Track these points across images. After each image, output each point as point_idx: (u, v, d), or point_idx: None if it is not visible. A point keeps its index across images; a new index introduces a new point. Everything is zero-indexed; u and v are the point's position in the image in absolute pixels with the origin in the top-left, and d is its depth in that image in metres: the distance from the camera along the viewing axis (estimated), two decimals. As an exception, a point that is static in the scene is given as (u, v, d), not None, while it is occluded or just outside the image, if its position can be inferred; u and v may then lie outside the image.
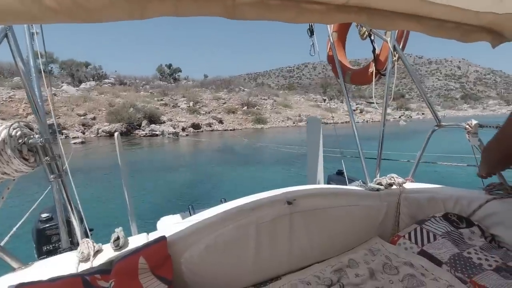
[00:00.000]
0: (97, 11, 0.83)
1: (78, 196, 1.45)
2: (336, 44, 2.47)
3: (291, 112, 34.52)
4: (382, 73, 2.06)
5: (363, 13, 1.22)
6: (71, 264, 1.08)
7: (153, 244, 1.13)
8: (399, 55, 1.85)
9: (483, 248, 1.28)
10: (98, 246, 1.16)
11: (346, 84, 2.42)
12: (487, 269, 1.17)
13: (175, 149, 17.45)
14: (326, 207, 1.45)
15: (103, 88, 30.32)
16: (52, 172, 1.24)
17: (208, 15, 1.00)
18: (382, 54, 2.04)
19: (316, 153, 2.82)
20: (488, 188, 1.44)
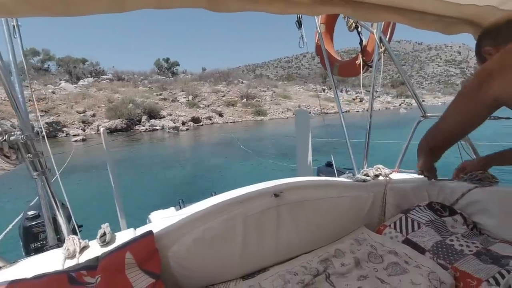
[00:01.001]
0: (74, 4, 0.82)
1: (72, 193, 1.46)
2: (324, 36, 2.47)
3: (290, 103, 34.43)
4: (369, 64, 2.08)
5: (348, 5, 1.24)
6: (57, 261, 1.08)
7: (140, 239, 1.13)
8: (385, 46, 1.86)
9: (465, 235, 1.31)
10: (84, 243, 1.17)
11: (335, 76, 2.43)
12: (468, 254, 1.21)
13: (175, 144, 17.49)
14: (313, 198, 1.48)
15: (101, 85, 30.28)
16: (35, 169, 1.23)
17: (191, 7, 1.01)
18: (369, 46, 2.06)
19: (305, 145, 2.84)
20: (471, 177, 1.47)
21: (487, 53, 1.05)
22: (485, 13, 1.31)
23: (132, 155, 13.38)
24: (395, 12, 1.27)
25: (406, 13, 1.28)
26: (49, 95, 24.03)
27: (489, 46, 1.04)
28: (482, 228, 1.39)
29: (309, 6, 1.16)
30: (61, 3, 0.80)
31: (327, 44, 2.48)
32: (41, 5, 0.77)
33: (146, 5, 0.91)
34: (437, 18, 1.34)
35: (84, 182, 8.46)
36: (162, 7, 0.94)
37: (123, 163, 11.45)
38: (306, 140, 2.84)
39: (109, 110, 22.98)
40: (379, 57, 1.92)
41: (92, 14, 0.88)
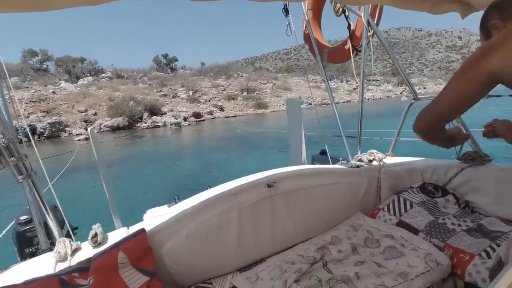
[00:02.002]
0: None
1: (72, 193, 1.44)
2: (311, 22, 2.41)
3: (291, 95, 34.22)
4: (358, 49, 2.03)
5: None
6: (48, 265, 1.06)
7: (132, 237, 1.12)
8: (373, 30, 1.82)
9: (456, 215, 1.33)
10: (76, 245, 1.15)
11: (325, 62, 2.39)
12: (459, 231, 1.22)
13: (176, 140, 17.51)
14: (307, 187, 1.47)
15: (101, 83, 30.27)
16: (20, 173, 1.19)
17: None
18: (357, 30, 2.01)
19: (298, 135, 2.82)
20: (464, 157, 1.48)
21: (493, 27, 0.99)
22: None
23: (137, 152, 13.43)
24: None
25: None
26: (50, 96, 24.07)
27: (496, 20, 0.97)
28: (475, 206, 1.41)
29: None
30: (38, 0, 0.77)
31: (315, 31, 2.43)
32: (17, 2, 0.75)
33: None
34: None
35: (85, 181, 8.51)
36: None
37: (129, 160, 11.53)
38: (299, 129, 2.82)
39: (110, 108, 22.99)
40: (367, 41, 1.89)
41: (65, 8, 0.84)
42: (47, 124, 19.41)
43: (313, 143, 3.46)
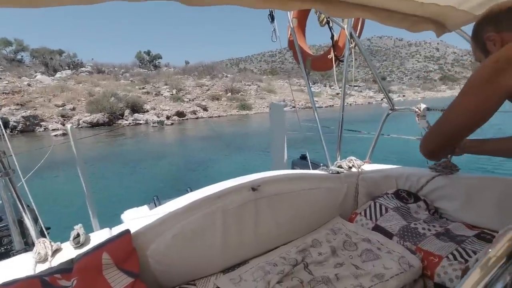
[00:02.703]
0: None
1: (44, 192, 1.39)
2: (296, 30, 2.49)
3: (275, 97, 34.48)
4: (340, 59, 2.13)
5: (319, 1, 1.26)
6: (27, 266, 1.03)
7: (116, 238, 1.10)
8: (355, 42, 1.92)
9: (426, 221, 1.44)
10: (56, 245, 1.12)
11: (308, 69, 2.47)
12: (429, 235, 1.32)
13: (158, 139, 17.23)
14: (290, 191, 1.53)
15: (80, 77, 29.24)
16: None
17: (165, 0, 0.98)
18: (340, 41, 2.11)
19: (280, 139, 2.88)
20: (434, 166, 1.60)
21: (489, 39, 1.01)
22: (445, 12, 1.40)
23: (116, 150, 13.10)
24: (365, 9, 1.32)
25: (376, 10, 1.34)
26: (25, 88, 23.00)
27: (492, 32, 1.00)
28: (443, 212, 1.54)
29: (281, 1, 1.16)
30: None
31: (299, 39, 2.51)
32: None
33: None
34: (404, 17, 1.41)
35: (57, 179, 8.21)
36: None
37: (107, 158, 11.23)
38: (281, 133, 2.88)
39: (90, 103, 22.27)
40: (349, 52, 1.98)
41: (58, 6, 0.83)
42: (21, 118, 18.52)
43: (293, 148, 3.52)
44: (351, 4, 1.31)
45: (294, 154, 3.42)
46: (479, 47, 1.07)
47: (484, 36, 1.02)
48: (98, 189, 6.83)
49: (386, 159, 3.51)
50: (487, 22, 1.03)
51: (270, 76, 50.37)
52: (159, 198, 2.24)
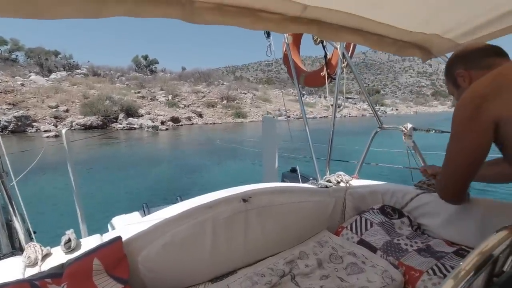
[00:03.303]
0: (47, 7, 0.79)
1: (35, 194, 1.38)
2: (291, 47, 2.60)
3: (271, 107, 34.78)
4: (332, 76, 2.23)
5: (314, 25, 1.34)
6: (16, 270, 1.02)
7: (108, 244, 1.11)
8: (347, 62, 2.02)
9: (409, 237, 1.50)
10: (46, 250, 1.12)
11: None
12: (411, 251, 1.38)
13: (152, 144, 17.15)
14: (280, 203, 1.57)
15: (75, 79, 29.12)
16: None
17: (167, 17, 1.04)
18: (333, 59, 2.22)
19: (272, 151, 2.94)
20: (419, 184, 1.67)
21: (459, 75, 1.14)
22: (431, 40, 1.50)
23: (108, 154, 13.00)
24: (356, 34, 1.40)
25: (366, 35, 1.42)
26: (18, 88, 22.80)
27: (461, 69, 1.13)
28: (425, 228, 1.60)
29: (277, 23, 1.24)
30: (31, 5, 0.77)
31: (294, 55, 2.62)
32: (8, 5, 0.74)
33: (122, 12, 0.93)
34: (392, 41, 1.50)
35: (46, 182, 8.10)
36: (137, 15, 0.97)
37: (99, 161, 11.13)
38: (273, 146, 2.94)
39: (84, 106, 22.14)
40: (341, 71, 2.07)
41: (66, 19, 0.86)
42: (13, 118, 18.29)
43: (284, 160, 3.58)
44: (344, 28, 1.39)
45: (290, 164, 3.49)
46: (451, 82, 1.20)
47: (455, 73, 1.16)
48: (85, 193, 6.77)
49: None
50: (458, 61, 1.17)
51: (266, 86, 50.84)
52: (148, 206, 2.24)
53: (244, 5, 1.16)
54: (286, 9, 1.22)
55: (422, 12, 1.31)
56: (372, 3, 1.23)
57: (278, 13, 1.24)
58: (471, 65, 1.11)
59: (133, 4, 0.91)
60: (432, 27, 1.42)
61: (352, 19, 1.33)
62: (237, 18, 1.18)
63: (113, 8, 0.89)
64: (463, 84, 1.13)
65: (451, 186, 1.16)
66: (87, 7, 0.85)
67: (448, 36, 1.48)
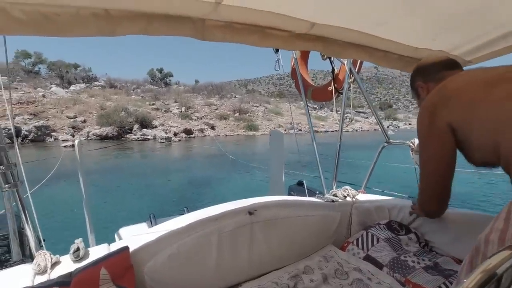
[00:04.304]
0: (66, 26, 0.85)
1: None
2: (299, 62, 2.65)
3: (282, 120, 34.87)
4: (340, 91, 2.25)
5: (319, 42, 1.37)
6: (25, 277, 1.04)
7: (115, 254, 1.13)
8: (354, 77, 2.04)
9: (416, 254, 1.46)
10: (55, 258, 1.14)
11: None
12: (418, 268, 1.35)
13: (165, 155, 17.40)
14: (285, 217, 1.57)
15: (93, 91, 30.15)
16: (6, 181, 1.16)
17: (179, 35, 1.09)
18: (340, 74, 2.25)
19: (279, 164, 2.96)
20: None
21: (419, 86, 1.28)
22: None
23: (121, 164, 13.26)
24: (361, 50, 1.42)
25: (372, 51, 1.45)
26: (39, 99, 23.77)
27: (420, 81, 1.27)
28: (433, 245, 1.56)
29: (285, 41, 1.28)
30: (53, 24, 0.82)
31: (302, 70, 2.66)
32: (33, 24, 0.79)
33: (136, 31, 0.97)
34: (398, 58, 1.52)
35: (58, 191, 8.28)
36: (150, 34, 1.01)
37: (111, 171, 11.36)
38: (280, 159, 2.96)
39: (101, 117, 22.81)
40: (348, 86, 2.10)
41: (83, 36, 0.92)
42: (33, 127, 19.01)
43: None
44: (350, 45, 1.42)
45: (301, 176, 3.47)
46: (414, 93, 1.33)
47: (416, 84, 1.30)
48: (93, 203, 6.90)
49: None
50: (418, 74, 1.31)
51: (277, 99, 51.17)
52: (155, 216, 2.26)
53: (253, 23, 1.20)
54: (294, 26, 1.25)
55: (428, 29, 1.33)
56: (377, 20, 1.26)
57: (286, 31, 1.28)
58: (428, 77, 1.24)
59: (146, 23, 0.96)
60: (438, 44, 1.43)
61: (357, 36, 1.36)
62: (246, 36, 1.22)
63: (127, 27, 0.93)
64: (422, 95, 1.26)
65: (431, 198, 1.24)
66: (103, 26, 0.90)
67: (455, 53, 1.49)
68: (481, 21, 1.26)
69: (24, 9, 0.78)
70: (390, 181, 7.14)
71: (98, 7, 0.88)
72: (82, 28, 0.88)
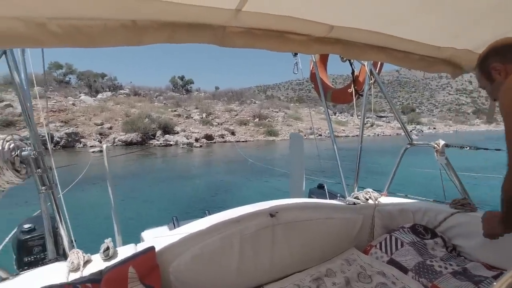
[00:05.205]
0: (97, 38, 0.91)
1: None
2: (318, 64, 2.63)
3: (302, 125, 34.59)
4: (360, 93, 2.21)
5: (338, 44, 1.37)
6: (60, 274, 1.11)
7: (142, 254, 1.18)
8: (375, 78, 2.01)
9: (443, 259, 1.41)
10: (87, 256, 1.20)
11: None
12: (445, 273, 1.30)
13: (187, 160, 17.74)
14: (306, 219, 1.57)
15: (119, 99, 31.35)
16: (43, 184, 1.24)
17: (201, 43, 1.14)
18: (360, 76, 2.21)
19: (299, 168, 2.94)
20: (453, 203, 1.57)
21: (494, 69, 1.15)
22: (462, 56, 1.45)
23: (145, 168, 13.67)
24: (381, 51, 1.40)
25: (392, 53, 1.42)
26: (70, 107, 25.06)
27: (497, 63, 1.15)
28: (461, 250, 1.50)
29: (304, 45, 1.29)
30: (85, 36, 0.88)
31: (321, 72, 2.64)
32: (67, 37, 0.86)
33: (161, 40, 1.03)
34: (420, 58, 1.48)
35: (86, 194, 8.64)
36: (174, 42, 1.06)
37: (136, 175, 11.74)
38: (300, 162, 2.95)
39: (126, 123, 23.67)
40: (369, 87, 2.06)
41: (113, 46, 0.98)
42: (64, 134, 20.05)
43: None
44: (369, 47, 1.40)
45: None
46: (484, 75, 1.21)
47: (490, 66, 1.17)
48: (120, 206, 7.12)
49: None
50: (493, 54, 1.18)
51: (297, 104, 50.89)
52: (178, 219, 2.31)
53: (272, 28, 1.22)
54: (313, 30, 1.26)
55: (451, 26, 1.29)
56: (397, 20, 1.24)
57: (304, 35, 1.29)
58: (507, 59, 1.12)
59: (171, 32, 1.01)
60: (462, 42, 1.39)
61: (376, 37, 1.34)
62: (265, 41, 1.24)
63: (153, 36, 0.99)
64: (498, 78, 1.14)
65: None
66: (131, 36, 0.95)
67: (480, 51, 1.43)
68: (508, 17, 1.21)
69: (60, 23, 0.84)
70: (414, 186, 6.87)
71: (126, 18, 0.94)
72: (112, 38, 0.94)
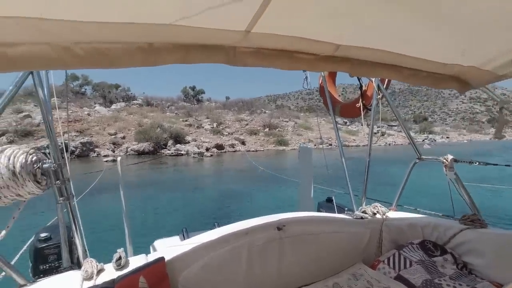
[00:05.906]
0: (116, 59, 0.96)
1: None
2: (327, 79, 2.68)
3: (312, 134, 34.46)
4: (368, 108, 2.23)
5: (345, 63, 1.40)
6: (74, 282, 1.15)
7: (152, 264, 1.22)
8: (383, 93, 2.02)
9: (453, 277, 1.38)
10: (100, 266, 1.25)
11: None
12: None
13: (197, 170, 17.88)
14: (314, 233, 1.58)
15: (132, 109, 32.06)
16: (61, 195, 1.30)
17: (213, 63, 1.19)
18: (368, 91, 2.23)
19: (308, 180, 2.94)
20: (463, 219, 1.55)
21: None
22: (468, 72, 1.46)
23: (157, 178, 13.84)
24: (388, 69, 1.42)
25: (399, 70, 1.44)
26: (85, 117, 25.79)
27: None
28: (472, 268, 1.46)
29: (311, 63, 1.32)
30: (105, 58, 0.94)
31: (330, 87, 2.68)
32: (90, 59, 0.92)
33: (175, 61, 1.07)
34: (427, 75, 1.49)
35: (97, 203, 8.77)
36: (188, 62, 1.11)
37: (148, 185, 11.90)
38: (309, 174, 2.95)
39: (138, 133, 24.13)
40: (377, 102, 2.08)
41: (130, 67, 1.03)
42: (79, 144, 20.58)
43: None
44: (377, 64, 1.43)
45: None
46: None
47: None
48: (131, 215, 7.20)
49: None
50: None
51: (307, 113, 50.73)
52: (188, 230, 2.35)
53: (280, 48, 1.27)
54: (320, 49, 1.29)
55: (456, 43, 1.30)
56: (404, 39, 1.26)
57: (312, 54, 1.33)
58: None
59: (185, 53, 1.07)
60: (469, 59, 1.40)
61: (384, 55, 1.37)
62: (274, 60, 1.29)
63: (167, 57, 1.04)
64: None
65: None
66: (147, 58, 1.01)
67: (487, 68, 1.44)
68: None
69: (83, 47, 0.91)
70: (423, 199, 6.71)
71: (143, 41, 1.00)
72: (129, 60, 0.99)
